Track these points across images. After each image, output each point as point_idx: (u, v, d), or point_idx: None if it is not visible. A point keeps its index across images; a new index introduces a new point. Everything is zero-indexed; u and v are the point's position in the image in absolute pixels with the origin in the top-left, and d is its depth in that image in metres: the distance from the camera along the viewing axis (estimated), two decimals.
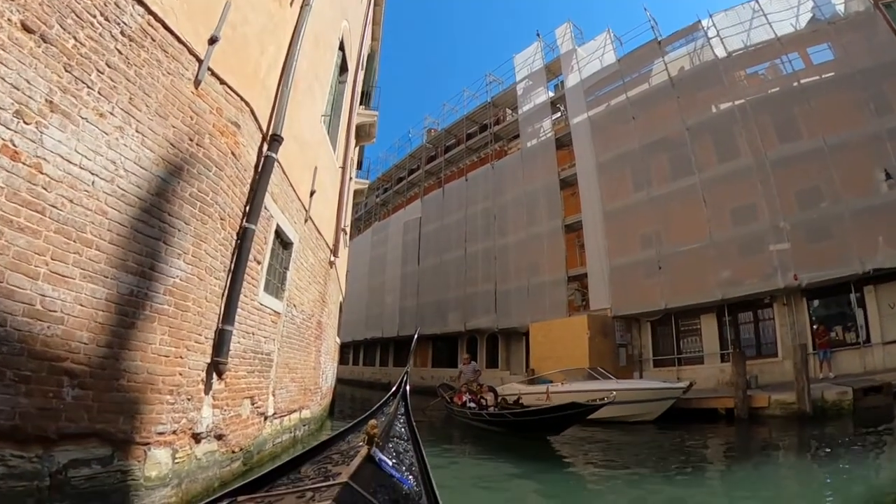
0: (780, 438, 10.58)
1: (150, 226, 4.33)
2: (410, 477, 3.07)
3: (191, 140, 4.82)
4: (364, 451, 2.56)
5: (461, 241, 29.15)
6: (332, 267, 10.78)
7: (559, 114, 27.09)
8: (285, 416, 7.95)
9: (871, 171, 15.80)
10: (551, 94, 27.22)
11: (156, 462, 4.34)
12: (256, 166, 5.92)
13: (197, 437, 5.00)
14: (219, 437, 5.49)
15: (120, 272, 4.05)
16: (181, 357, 4.58)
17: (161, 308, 4.37)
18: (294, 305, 8.04)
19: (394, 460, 3.12)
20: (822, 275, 15.49)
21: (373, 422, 2.73)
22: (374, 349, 37.74)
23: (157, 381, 4.33)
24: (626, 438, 10.98)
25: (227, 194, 5.22)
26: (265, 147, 6.07)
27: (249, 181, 5.77)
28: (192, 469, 4.94)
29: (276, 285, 7.25)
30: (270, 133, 6.14)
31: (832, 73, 17.31)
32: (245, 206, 5.64)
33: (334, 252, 10.61)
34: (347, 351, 41.30)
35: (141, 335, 4.20)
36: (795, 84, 17.60)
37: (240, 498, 2.19)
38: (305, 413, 9.27)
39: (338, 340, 15.71)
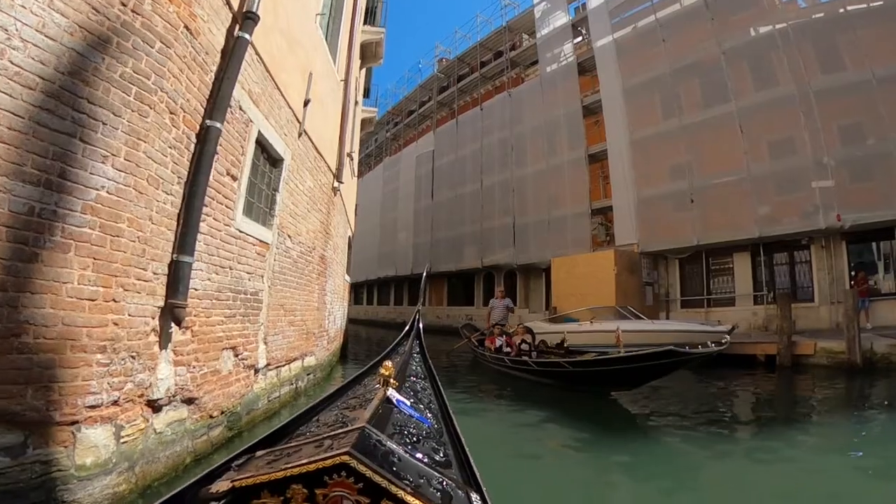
0: (835, 392, 9.40)
1: (60, 116, 3.01)
2: (429, 415, 3.02)
3: (123, 5, 3.43)
4: (380, 393, 2.49)
5: (477, 174, 27.83)
6: (335, 194, 9.43)
7: (581, 38, 24.99)
8: (283, 366, 6.80)
9: None
10: (572, 16, 25.06)
11: (90, 445, 3.18)
12: (224, 52, 4.50)
13: (154, 406, 3.82)
14: (189, 402, 4.33)
15: (13, 181, 2.78)
16: (114, 301, 3.30)
17: (79, 232, 3.07)
18: (288, 236, 6.75)
19: (412, 400, 3.05)
20: (867, 217, 14.25)
21: (387, 363, 2.60)
22: (387, 288, 37.18)
23: (80, 334, 3.09)
24: (665, 385, 9.76)
25: (178, 80, 3.83)
26: (236, 28, 4.64)
27: (214, 69, 4.37)
28: (150, 447, 3.78)
29: (262, 210, 5.95)
30: (244, 10, 4.69)
31: (881, 2, 15.31)
32: (208, 101, 4.26)
33: (337, 177, 9.24)
34: (361, 291, 41.43)
35: (49, 271, 2.93)
36: (841, 10, 15.64)
37: (258, 452, 2.06)
38: (309, 360, 8.14)
39: (347, 279, 14.50)
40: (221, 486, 1.75)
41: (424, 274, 12.18)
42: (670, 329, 12.15)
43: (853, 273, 14.98)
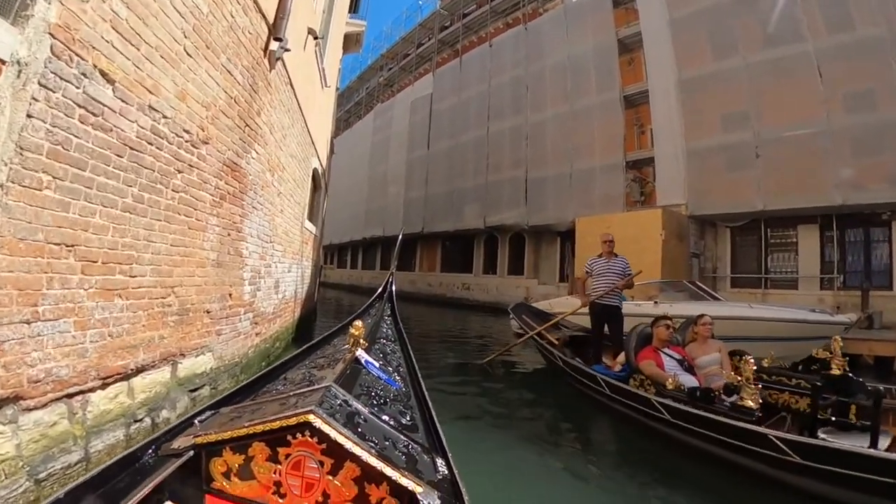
0: None
1: None
2: (398, 378, 2.98)
3: None
4: (349, 353, 2.55)
5: (482, 119, 23.88)
6: (271, 66, 5.24)
7: None
8: (92, 390, 2.88)
9: None
10: None
11: None
12: None
13: None
14: None
15: None
16: None
17: None
18: (103, 73, 2.77)
19: (381, 362, 3.01)
20: None
21: (357, 323, 2.63)
22: (374, 250, 33.82)
23: None
24: None
25: None
26: None
27: None
28: None
29: None
30: None
31: None
32: None
33: (275, 32, 5.16)
34: (345, 253, 38.96)
35: None
36: None
37: (222, 409, 2.06)
38: (196, 363, 4.15)
39: (311, 228, 10.35)
40: (183, 441, 1.76)
41: (399, 237, 10.38)
42: (775, 317, 8.47)
43: None
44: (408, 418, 2.35)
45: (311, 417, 1.51)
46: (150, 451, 1.83)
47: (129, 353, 3.21)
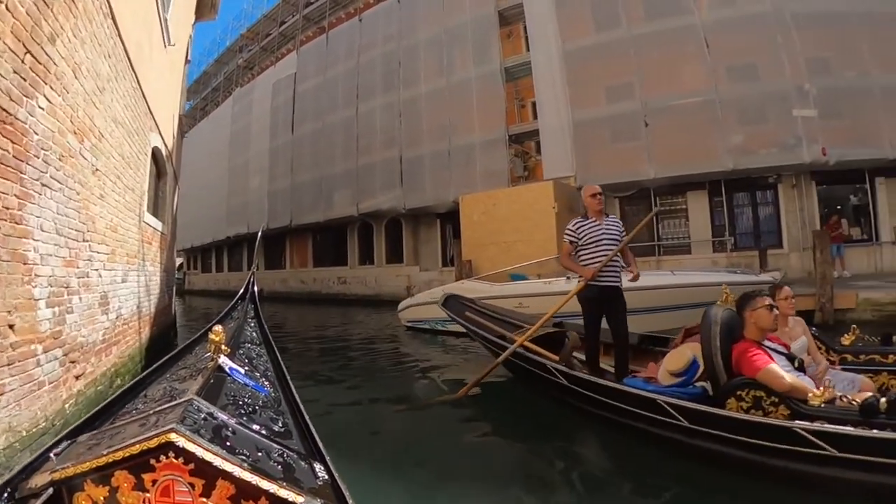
0: None
1: None
2: (266, 383, 2.86)
3: None
4: (211, 361, 2.43)
5: (351, 98, 22.39)
6: None
7: None
8: None
9: None
10: None
11: None
12: None
13: None
14: None
15: None
16: None
17: None
18: None
19: (246, 367, 2.87)
20: (853, 154, 12.79)
21: (217, 328, 2.48)
22: (240, 250, 31.31)
23: None
24: None
25: None
26: None
27: None
28: None
29: None
30: None
31: None
32: None
33: None
34: (209, 256, 35.98)
35: None
36: None
37: (80, 438, 1.86)
38: None
39: (154, 223, 8.21)
40: (39, 479, 1.58)
41: (259, 234, 10.44)
42: (700, 282, 8.37)
43: (828, 217, 13.64)
44: (280, 424, 2.23)
45: (173, 436, 1.37)
46: (6, 495, 1.59)
47: None
